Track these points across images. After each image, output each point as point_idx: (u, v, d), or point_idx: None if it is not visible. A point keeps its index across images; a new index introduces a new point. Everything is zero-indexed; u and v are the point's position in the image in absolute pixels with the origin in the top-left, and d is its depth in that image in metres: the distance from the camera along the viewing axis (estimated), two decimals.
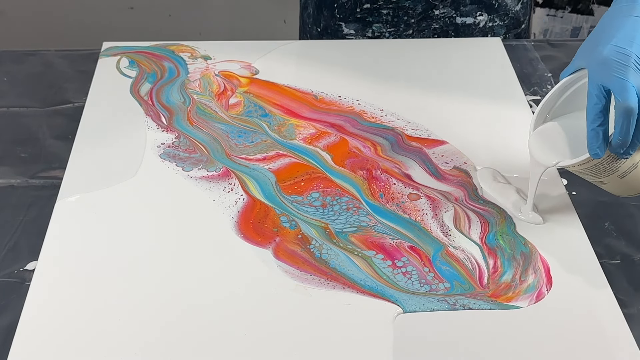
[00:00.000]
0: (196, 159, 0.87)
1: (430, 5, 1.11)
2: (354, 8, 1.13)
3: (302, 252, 0.76)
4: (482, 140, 0.91)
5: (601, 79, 0.70)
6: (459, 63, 1.05)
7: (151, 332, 0.69)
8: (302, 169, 0.86)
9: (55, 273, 0.74)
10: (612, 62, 0.69)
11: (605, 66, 0.70)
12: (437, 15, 1.12)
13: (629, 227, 0.82)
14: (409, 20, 1.12)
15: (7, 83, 1.03)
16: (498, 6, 1.13)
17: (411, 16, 1.12)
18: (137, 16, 2.07)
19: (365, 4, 1.12)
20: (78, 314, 0.70)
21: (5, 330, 0.69)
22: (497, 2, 1.12)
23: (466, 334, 0.69)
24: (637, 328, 0.70)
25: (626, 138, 0.69)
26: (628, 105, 0.67)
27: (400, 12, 1.12)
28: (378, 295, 0.72)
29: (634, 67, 0.69)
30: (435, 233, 0.78)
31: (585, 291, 0.73)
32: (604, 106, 0.70)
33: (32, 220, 0.81)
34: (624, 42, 0.70)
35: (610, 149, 0.70)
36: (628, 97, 0.67)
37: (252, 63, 1.03)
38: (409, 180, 0.85)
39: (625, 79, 0.68)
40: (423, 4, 1.11)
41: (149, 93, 0.98)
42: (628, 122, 0.68)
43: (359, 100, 0.97)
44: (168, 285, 0.73)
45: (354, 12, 1.13)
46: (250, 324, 0.69)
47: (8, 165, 0.88)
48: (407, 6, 1.11)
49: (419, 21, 1.13)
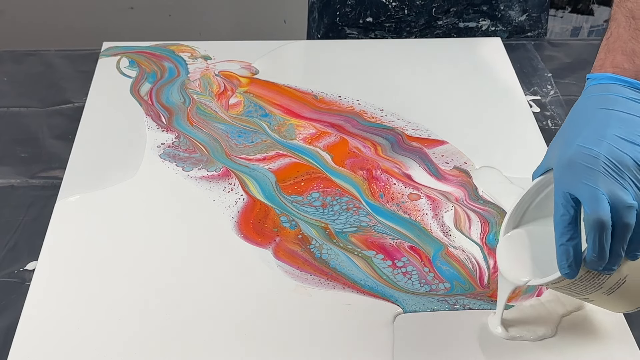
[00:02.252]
0: (196, 159, 0.87)
1: (433, 17, 1.11)
2: (356, 19, 1.13)
3: (302, 252, 0.76)
4: (482, 140, 0.91)
5: (567, 186, 0.59)
6: (460, 63, 1.05)
7: (151, 332, 0.69)
8: (302, 169, 0.86)
9: (55, 273, 0.74)
10: (578, 165, 0.59)
11: (571, 171, 0.59)
12: (440, 25, 1.12)
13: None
14: (412, 30, 1.12)
15: (7, 83, 1.03)
16: (501, 17, 1.12)
17: (414, 27, 1.12)
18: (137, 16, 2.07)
19: (368, 17, 1.12)
20: (78, 313, 0.70)
21: (5, 330, 0.69)
22: (501, 13, 1.12)
23: (466, 334, 0.69)
24: (637, 328, 0.69)
25: (601, 255, 0.58)
26: (598, 217, 0.57)
27: (403, 24, 1.12)
28: (378, 295, 0.72)
29: (603, 172, 0.58)
30: (436, 233, 0.78)
31: None
32: (573, 217, 0.59)
33: (32, 220, 0.81)
34: (591, 141, 0.60)
35: (586, 266, 0.59)
36: (598, 208, 0.57)
37: (252, 63, 1.03)
38: (409, 180, 0.85)
39: (594, 186, 0.58)
40: (426, 17, 1.11)
41: (149, 93, 0.98)
42: (601, 237, 0.57)
43: (359, 100, 0.97)
44: (168, 285, 0.73)
45: (356, 22, 1.13)
46: (251, 323, 0.69)
47: (8, 165, 0.88)
48: (409, 20, 1.11)
49: (421, 30, 1.13)
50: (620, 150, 0.59)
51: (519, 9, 1.13)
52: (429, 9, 1.10)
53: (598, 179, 0.58)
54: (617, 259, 0.59)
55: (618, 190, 0.57)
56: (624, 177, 0.58)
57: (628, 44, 0.66)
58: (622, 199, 0.57)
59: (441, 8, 1.10)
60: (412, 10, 1.10)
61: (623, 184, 0.58)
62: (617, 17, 0.68)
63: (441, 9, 1.10)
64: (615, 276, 0.61)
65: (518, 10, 1.13)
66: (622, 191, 0.57)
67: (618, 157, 0.58)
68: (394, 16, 1.11)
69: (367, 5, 1.11)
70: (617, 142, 0.59)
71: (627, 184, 0.58)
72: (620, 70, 0.65)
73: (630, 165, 0.58)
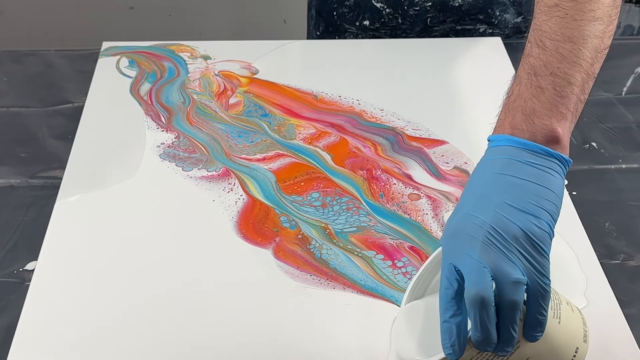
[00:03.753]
0: (196, 159, 0.87)
1: (428, 26, 1.11)
2: (353, 21, 1.13)
3: (302, 252, 0.76)
4: (482, 140, 0.91)
5: (452, 257, 0.55)
6: (460, 63, 1.05)
7: (150, 332, 0.69)
8: (302, 169, 0.86)
9: (55, 273, 0.74)
10: (462, 235, 0.55)
11: (455, 241, 0.55)
12: (436, 31, 1.12)
13: (629, 227, 0.82)
14: (408, 36, 1.12)
15: (7, 83, 1.03)
16: (498, 22, 1.12)
17: (409, 34, 1.12)
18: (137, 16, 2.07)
19: (364, 21, 1.12)
20: (78, 314, 0.70)
21: (5, 330, 0.69)
22: (497, 19, 1.12)
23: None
24: (637, 328, 0.70)
25: (486, 335, 0.53)
26: (477, 292, 0.52)
27: (399, 32, 1.12)
28: (378, 295, 0.72)
29: (488, 242, 0.53)
30: (436, 233, 0.78)
31: (585, 291, 0.72)
32: (456, 291, 0.54)
33: (32, 220, 0.81)
34: (478, 209, 0.55)
35: (475, 346, 0.54)
36: (478, 282, 0.52)
37: (252, 63, 1.03)
38: (410, 180, 0.85)
39: (476, 258, 0.53)
40: (421, 26, 1.11)
41: (149, 93, 0.97)
42: (482, 315, 0.52)
43: (359, 100, 0.97)
44: (168, 285, 0.73)
45: (353, 23, 1.13)
46: (251, 323, 0.69)
47: (8, 165, 0.88)
48: (405, 27, 1.11)
49: (418, 35, 1.13)
50: (507, 219, 0.54)
51: (514, 12, 1.13)
52: (423, 19, 1.10)
53: (481, 250, 0.53)
54: (509, 340, 0.54)
55: (503, 264, 0.53)
56: (510, 249, 0.53)
57: (528, 103, 0.60)
58: (507, 273, 0.52)
59: (436, 19, 1.10)
60: (405, 20, 1.10)
61: (510, 256, 0.53)
62: (520, 74, 0.63)
63: (436, 19, 1.10)
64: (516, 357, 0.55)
65: (513, 13, 1.13)
66: (508, 264, 0.53)
67: (504, 227, 0.54)
68: (388, 24, 1.11)
69: (363, 9, 1.11)
70: (505, 209, 0.55)
71: (514, 256, 0.53)
72: (519, 131, 0.60)
73: (518, 235, 0.54)
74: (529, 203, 0.55)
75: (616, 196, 0.85)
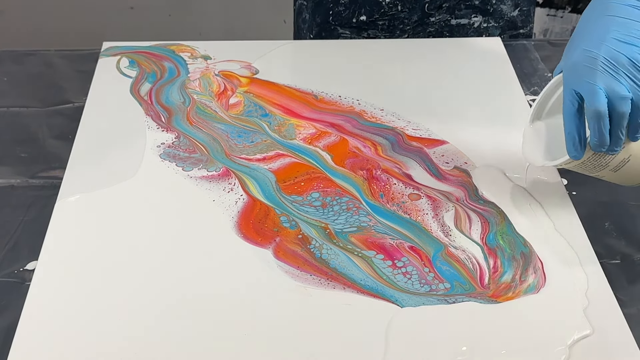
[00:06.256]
0: (196, 159, 0.87)
1: (426, 14, 1.11)
2: (350, 18, 1.13)
3: (302, 252, 0.76)
4: (482, 140, 0.91)
5: (573, 83, 0.71)
6: (460, 63, 1.05)
7: (151, 332, 0.69)
8: (302, 169, 0.86)
9: (55, 273, 0.74)
10: (580, 66, 0.70)
11: (575, 71, 0.71)
12: (433, 22, 1.12)
13: (629, 227, 0.82)
14: (405, 27, 1.13)
15: (7, 83, 1.03)
16: (493, 11, 1.13)
17: (407, 24, 1.12)
18: (137, 16, 2.07)
19: (362, 16, 1.12)
20: (78, 314, 0.70)
21: (5, 330, 0.69)
22: (493, 7, 1.12)
23: (466, 334, 0.69)
24: (637, 328, 0.69)
25: (602, 139, 0.70)
26: (596, 109, 0.69)
27: (396, 22, 1.12)
28: (378, 295, 0.72)
29: (601, 70, 0.69)
30: (436, 233, 0.78)
31: (586, 291, 0.72)
32: (577, 109, 0.71)
33: (32, 220, 0.81)
34: (593, 45, 0.71)
35: (593, 149, 0.72)
36: (596, 101, 0.69)
37: (252, 63, 1.03)
38: (410, 180, 0.85)
39: (592, 82, 0.69)
40: (419, 14, 1.11)
41: (149, 93, 0.97)
42: (599, 125, 0.69)
43: (359, 100, 0.97)
44: (168, 285, 0.73)
45: (349, 21, 1.13)
46: (251, 324, 0.69)
47: (8, 165, 0.88)
48: (402, 17, 1.12)
49: (414, 27, 1.13)
50: (616, 51, 0.69)
51: (511, 3, 1.13)
52: (421, 5, 1.11)
53: (596, 76, 0.69)
54: (618, 142, 0.70)
55: (614, 85, 0.69)
56: (619, 73, 0.69)
57: None
58: (617, 92, 0.69)
59: (434, 3, 1.10)
60: (405, 6, 1.10)
61: (619, 79, 0.69)
62: None
63: (434, 4, 1.10)
64: (620, 156, 0.73)
65: (510, 4, 1.13)
66: (618, 85, 0.69)
67: (614, 57, 0.69)
68: (387, 13, 1.11)
69: (361, 3, 1.11)
70: (614, 44, 0.70)
71: (622, 78, 0.69)
72: None
73: (625, 62, 0.69)
74: (633, 37, 0.70)
75: (616, 196, 0.85)
